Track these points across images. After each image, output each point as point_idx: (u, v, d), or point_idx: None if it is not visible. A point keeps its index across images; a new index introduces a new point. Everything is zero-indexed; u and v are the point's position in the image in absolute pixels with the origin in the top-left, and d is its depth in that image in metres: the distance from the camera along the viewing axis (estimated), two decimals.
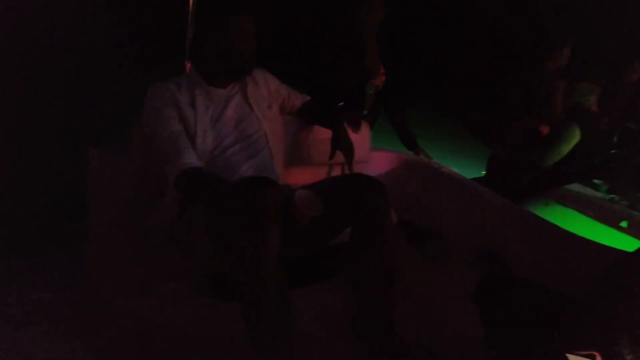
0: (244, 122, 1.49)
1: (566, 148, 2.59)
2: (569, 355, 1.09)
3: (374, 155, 1.95)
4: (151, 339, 1.38)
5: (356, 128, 1.80)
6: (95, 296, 1.52)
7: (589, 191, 2.34)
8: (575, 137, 2.59)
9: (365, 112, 2.24)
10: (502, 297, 1.45)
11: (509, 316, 1.40)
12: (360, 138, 1.83)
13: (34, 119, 2.89)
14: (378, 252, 1.30)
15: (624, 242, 1.93)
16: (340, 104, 1.93)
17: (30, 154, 2.73)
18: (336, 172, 1.88)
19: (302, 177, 1.78)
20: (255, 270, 1.12)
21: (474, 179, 2.19)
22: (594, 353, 1.10)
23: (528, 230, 1.67)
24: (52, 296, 1.70)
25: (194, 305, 1.40)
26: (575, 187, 2.36)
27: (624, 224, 2.02)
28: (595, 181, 2.38)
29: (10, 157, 2.66)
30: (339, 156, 1.67)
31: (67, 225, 1.95)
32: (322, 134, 1.77)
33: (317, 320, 1.40)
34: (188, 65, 1.77)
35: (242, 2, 1.46)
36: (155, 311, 1.40)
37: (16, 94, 2.89)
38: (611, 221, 2.03)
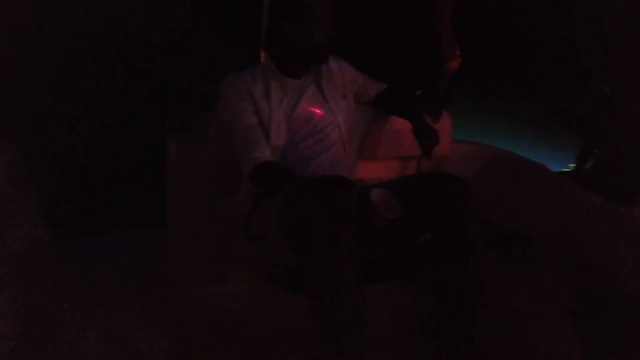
0: (318, 115, 1.44)
1: None
2: None
3: (455, 148, 1.80)
4: (223, 326, 1.40)
5: (437, 118, 1.66)
6: (172, 280, 1.56)
7: None
8: None
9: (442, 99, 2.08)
10: (604, 315, 1.28)
11: (612, 338, 1.23)
12: (441, 129, 1.69)
13: (122, 110, 3.06)
14: (463, 262, 1.20)
15: None
16: (418, 92, 1.79)
17: (118, 143, 2.90)
18: (412, 165, 1.77)
19: (375, 170, 1.71)
20: (330, 271, 1.08)
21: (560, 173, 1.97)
22: None
23: (636, 237, 1.46)
24: (137, 277, 1.75)
25: (265, 295, 1.41)
26: None
27: None
28: None
29: (99, 145, 2.84)
30: (416, 149, 1.55)
31: (150, 209, 2.01)
32: (398, 125, 1.66)
33: (388, 320, 1.35)
34: (262, 54, 1.73)
35: None
36: (228, 299, 1.43)
37: (104, 88, 3.08)
38: None
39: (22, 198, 1.67)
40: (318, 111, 1.44)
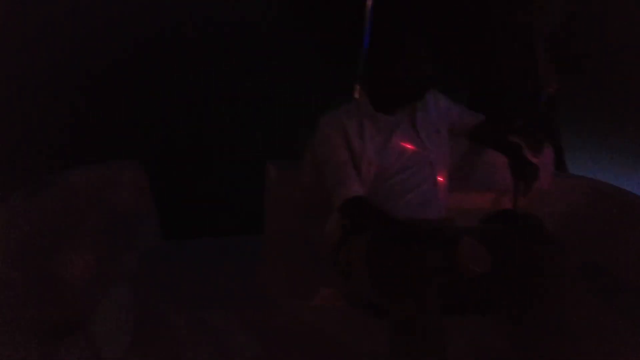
0: (410, 151, 1.45)
1: None
2: None
3: (557, 182, 1.70)
4: (305, 339, 1.46)
5: (538, 152, 1.58)
6: (263, 289, 1.67)
7: None
8: None
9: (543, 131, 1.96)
10: None
11: None
12: (542, 163, 1.60)
13: (227, 131, 3.37)
14: (552, 328, 1.17)
15: None
16: (519, 123, 1.72)
17: (221, 158, 3.20)
18: (507, 199, 1.70)
19: (468, 202, 1.67)
20: (411, 316, 1.12)
21: None
22: None
23: None
24: (232, 281, 1.83)
25: (348, 315, 1.45)
26: None
27: None
28: None
29: (205, 160, 3.16)
30: (509, 180, 1.49)
31: (247, 218, 2.16)
32: (494, 158, 1.61)
33: (468, 355, 1.33)
34: (357, 89, 1.77)
35: (418, 25, 1.39)
36: (313, 313, 1.49)
37: (215, 113, 3.41)
38: None
39: (146, 209, 1.90)
40: (410, 147, 1.45)
